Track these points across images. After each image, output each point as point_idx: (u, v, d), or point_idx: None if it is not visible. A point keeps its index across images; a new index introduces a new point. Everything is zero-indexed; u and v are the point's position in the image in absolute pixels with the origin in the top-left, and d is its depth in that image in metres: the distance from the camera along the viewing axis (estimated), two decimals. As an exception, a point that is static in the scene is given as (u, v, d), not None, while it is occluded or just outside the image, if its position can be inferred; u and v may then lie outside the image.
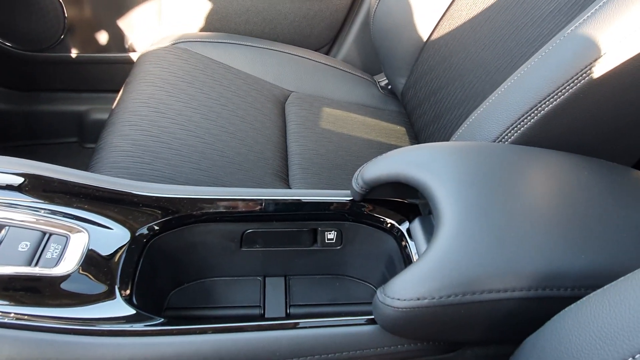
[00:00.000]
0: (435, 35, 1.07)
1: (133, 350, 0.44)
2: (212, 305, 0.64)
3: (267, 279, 0.66)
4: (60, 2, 1.27)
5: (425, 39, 1.08)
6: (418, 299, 0.43)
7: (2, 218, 0.52)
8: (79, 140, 1.47)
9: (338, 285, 0.67)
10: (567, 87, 0.59)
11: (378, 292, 0.46)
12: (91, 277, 0.50)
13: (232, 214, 0.60)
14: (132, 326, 0.46)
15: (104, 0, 1.30)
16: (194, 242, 0.61)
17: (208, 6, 1.30)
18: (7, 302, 0.45)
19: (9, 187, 0.55)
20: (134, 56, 1.40)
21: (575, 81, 0.59)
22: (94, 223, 0.54)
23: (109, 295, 0.49)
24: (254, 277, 0.66)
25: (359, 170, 0.60)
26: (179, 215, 0.58)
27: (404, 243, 0.59)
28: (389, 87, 1.31)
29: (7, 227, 0.52)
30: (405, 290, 0.44)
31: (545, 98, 0.60)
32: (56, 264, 0.50)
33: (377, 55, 1.26)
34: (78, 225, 0.54)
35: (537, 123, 0.61)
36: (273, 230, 0.62)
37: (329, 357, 0.47)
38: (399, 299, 0.44)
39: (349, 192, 0.62)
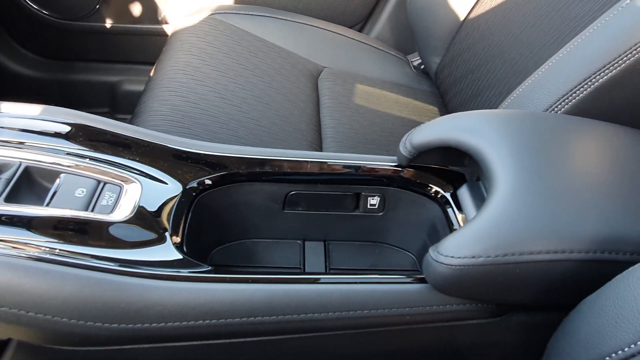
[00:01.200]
0: (474, 13, 1.05)
1: (189, 296, 0.45)
2: (253, 265, 0.64)
3: (306, 242, 0.67)
4: (97, -29, 1.28)
5: (463, 17, 1.07)
6: (473, 257, 0.43)
7: (57, 164, 0.53)
8: (110, 111, 1.49)
9: (377, 253, 0.67)
10: (624, 58, 0.58)
11: (430, 250, 0.46)
12: (144, 224, 0.51)
13: (278, 175, 0.60)
14: (186, 272, 0.47)
15: (140, -30, 1.30)
16: (238, 201, 0.62)
17: (243, -21, 1.29)
18: (67, 242, 0.46)
19: (63, 135, 0.56)
20: (166, 28, 1.41)
21: (634, 52, 0.57)
22: (146, 175, 0.55)
23: (160, 242, 0.50)
24: (293, 240, 0.67)
25: (407, 135, 0.59)
26: (226, 172, 0.58)
27: (448, 210, 0.59)
28: (422, 67, 1.29)
29: (63, 174, 0.53)
30: (460, 248, 0.44)
31: (601, 69, 0.59)
32: (111, 211, 0.51)
33: (412, 34, 1.25)
34: (131, 176, 0.55)
35: (591, 95, 0.60)
36: (316, 192, 0.62)
37: (378, 313, 0.47)
38: (452, 257, 0.44)
39: (394, 157, 0.62)
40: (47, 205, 0.50)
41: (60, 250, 0.45)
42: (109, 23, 1.38)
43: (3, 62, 1.39)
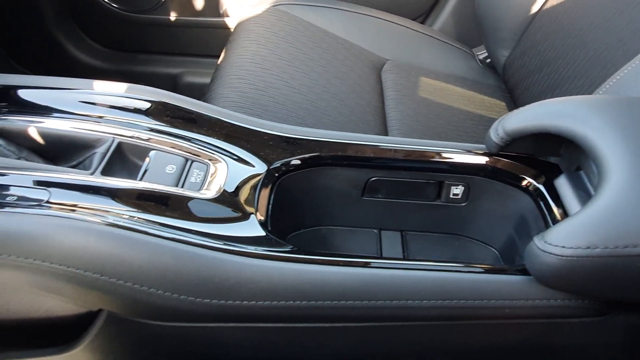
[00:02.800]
0: (552, 2, 1.00)
1: (280, 275, 0.44)
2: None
3: (382, 232, 0.65)
4: (165, -36, 1.31)
5: (539, 6, 1.02)
6: (588, 247, 0.40)
7: (148, 141, 0.54)
8: (171, 102, 1.52)
9: (457, 245, 0.64)
10: None
11: (536, 239, 0.43)
12: (231, 202, 0.51)
13: (360, 160, 0.59)
14: (277, 251, 0.46)
15: (206, -36, 1.32)
16: (318, 185, 0.60)
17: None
18: (161, 215, 0.46)
19: (151, 113, 0.56)
20: (227, 21, 1.42)
21: None
22: (231, 154, 0.55)
23: (246, 220, 0.49)
24: (369, 229, 0.65)
25: (498, 121, 0.56)
26: (309, 155, 0.57)
27: (541, 202, 0.55)
28: (487, 60, 1.24)
29: (154, 151, 0.53)
30: (572, 237, 0.41)
31: None
32: (200, 188, 0.51)
33: (479, 26, 1.21)
34: (217, 155, 0.54)
35: None
36: (398, 179, 0.60)
37: (475, 304, 0.45)
38: (564, 247, 0.41)
39: (481, 145, 0.59)
40: (141, 179, 0.50)
41: (155, 222, 0.45)
42: (172, 16, 1.41)
43: (73, 53, 1.44)
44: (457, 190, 0.60)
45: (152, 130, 0.55)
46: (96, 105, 0.56)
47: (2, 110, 0.55)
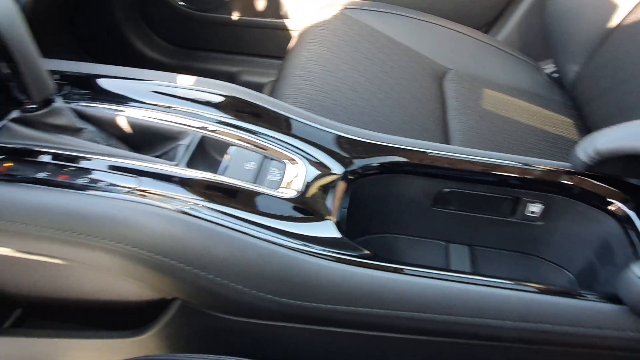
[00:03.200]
0: (632, 17, 0.95)
1: (361, 281, 0.44)
2: (394, 261, 0.62)
3: (450, 245, 0.63)
4: (232, -35, 1.33)
5: (619, 19, 0.97)
6: (697, 280, 0.37)
7: (228, 137, 0.54)
8: (227, 100, 1.55)
9: (529, 266, 0.62)
10: None
11: (635, 268, 0.41)
12: (308, 203, 0.50)
13: (435, 169, 0.58)
14: (357, 255, 0.45)
15: (270, -34, 1.34)
16: (389, 192, 0.60)
17: (370, -23, 1.28)
18: (242, 210, 0.47)
19: (232, 109, 0.57)
20: (287, 23, 1.43)
21: None
22: (309, 155, 0.55)
23: (324, 221, 0.49)
24: (437, 240, 0.64)
25: (587, 138, 0.54)
26: (385, 162, 0.57)
27: (630, 229, 0.52)
28: (554, 75, 1.20)
29: (234, 147, 0.54)
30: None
31: None
32: (278, 187, 0.51)
33: (546, 39, 1.17)
34: (295, 155, 0.54)
35: None
36: (472, 192, 0.59)
37: (562, 330, 0.43)
38: (669, 277, 0.38)
39: (566, 163, 0.57)
40: (222, 174, 0.51)
41: (239, 218, 0.45)
42: (235, 15, 1.43)
43: (139, 48, 1.49)
44: (535, 208, 0.58)
45: (231, 125, 0.55)
46: (180, 99, 0.57)
47: (82, 97, 0.57)
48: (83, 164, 0.48)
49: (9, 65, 0.45)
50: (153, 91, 0.59)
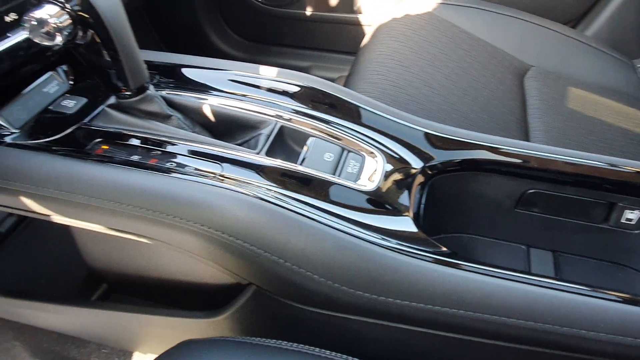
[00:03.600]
0: None
1: (439, 279, 0.42)
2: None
3: (531, 249, 0.60)
4: (309, -39, 1.34)
5: None
6: None
7: (306, 127, 0.55)
8: (297, 94, 1.57)
9: (620, 277, 0.57)
10: None
11: None
12: (386, 196, 0.49)
13: (520, 169, 0.54)
14: (433, 252, 0.44)
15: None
16: (469, 190, 0.57)
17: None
18: (321, 201, 0.47)
19: (309, 99, 0.57)
20: (361, 18, 1.42)
21: None
22: (387, 148, 0.54)
23: (401, 216, 0.48)
24: (517, 244, 0.60)
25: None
26: (466, 158, 0.54)
27: None
28: (652, 74, 1.10)
29: (312, 137, 0.54)
30: None
31: None
32: (356, 179, 0.51)
33: (643, 35, 1.07)
34: (373, 148, 0.54)
35: None
36: (560, 195, 0.55)
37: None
38: None
39: (673, 167, 0.51)
40: (301, 164, 0.51)
41: (317, 208, 0.45)
42: (308, 11, 1.45)
43: (216, 43, 1.55)
44: (632, 215, 0.53)
45: (308, 115, 0.56)
46: (259, 89, 0.58)
47: (169, 86, 0.60)
48: (171, 148, 0.50)
49: (110, 54, 0.48)
50: (233, 80, 0.60)
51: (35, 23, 0.44)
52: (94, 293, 0.72)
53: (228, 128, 0.56)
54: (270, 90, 0.59)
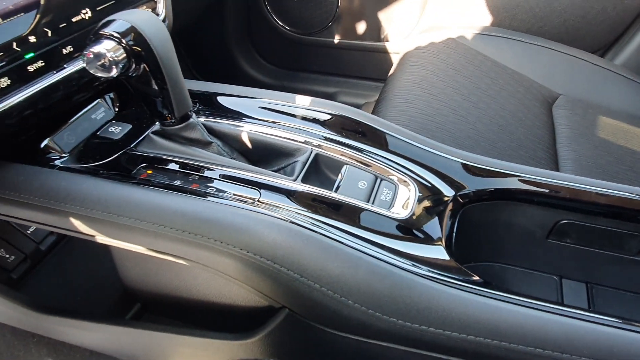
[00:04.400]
0: None
1: (474, 308, 0.43)
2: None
3: (564, 280, 0.59)
4: (338, -8, 1.39)
5: None
6: None
7: (340, 155, 0.56)
8: (323, 119, 1.59)
9: (657, 310, 0.56)
10: None
11: None
12: (419, 224, 0.50)
13: (552, 199, 0.55)
14: (466, 281, 0.44)
15: (375, -9, 1.37)
16: (500, 220, 0.57)
17: (474, 0, 1.27)
18: (354, 227, 0.48)
19: (340, 127, 0.59)
20: (388, 46, 1.45)
21: None
22: (419, 177, 0.55)
23: (434, 244, 0.48)
24: (549, 274, 0.60)
25: None
26: (497, 188, 0.55)
27: None
28: (684, 103, 1.09)
29: (346, 165, 0.55)
30: None
31: None
32: (389, 207, 0.52)
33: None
34: (406, 176, 0.55)
35: None
36: (594, 226, 0.55)
37: None
38: None
39: None
40: (336, 191, 0.52)
41: (352, 234, 0.47)
42: (336, 39, 1.49)
43: (245, 69, 1.60)
44: (670, 248, 0.53)
45: (341, 143, 0.57)
46: (294, 117, 0.60)
47: (206, 113, 0.63)
48: (212, 174, 0.53)
49: (158, 84, 0.52)
50: (266, 108, 0.63)
51: (93, 57, 0.47)
52: (128, 312, 0.74)
53: (264, 155, 0.58)
54: (303, 118, 0.62)
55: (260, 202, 0.49)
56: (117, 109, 0.65)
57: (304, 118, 0.62)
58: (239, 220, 0.46)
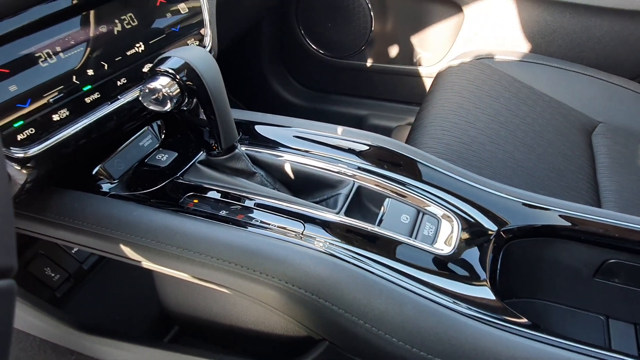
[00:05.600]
0: None
1: (523, 352, 0.42)
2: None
3: (611, 320, 0.57)
4: (372, 17, 1.41)
5: None
6: None
7: (382, 188, 0.57)
8: (353, 141, 1.60)
9: None
10: None
11: None
12: (462, 260, 0.50)
13: (600, 237, 0.53)
14: (517, 324, 0.43)
15: (409, 17, 1.38)
16: (544, 256, 0.56)
17: (510, 26, 1.26)
18: (398, 263, 0.48)
19: (382, 161, 0.59)
20: (421, 70, 1.46)
21: None
22: (462, 211, 0.55)
23: (478, 282, 0.48)
24: (595, 314, 0.58)
25: None
26: (543, 224, 0.54)
27: None
28: None
29: (389, 199, 0.56)
30: None
31: None
32: (432, 242, 0.52)
33: None
34: (448, 211, 0.55)
35: None
36: (644, 267, 0.53)
37: None
38: None
39: None
40: (379, 225, 0.53)
41: (396, 270, 0.47)
42: (369, 62, 1.50)
43: (278, 90, 1.63)
44: None
45: (383, 176, 0.58)
46: (338, 150, 0.61)
47: (245, 142, 0.64)
48: (257, 205, 0.54)
49: (207, 115, 0.53)
50: (307, 139, 0.63)
51: (148, 92, 0.50)
52: (166, 334, 0.75)
53: (306, 185, 0.59)
54: (340, 148, 0.62)
55: (304, 235, 0.50)
56: (163, 136, 0.68)
57: (341, 148, 0.62)
58: (284, 254, 0.47)
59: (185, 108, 0.52)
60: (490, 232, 0.53)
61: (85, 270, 0.83)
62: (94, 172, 0.60)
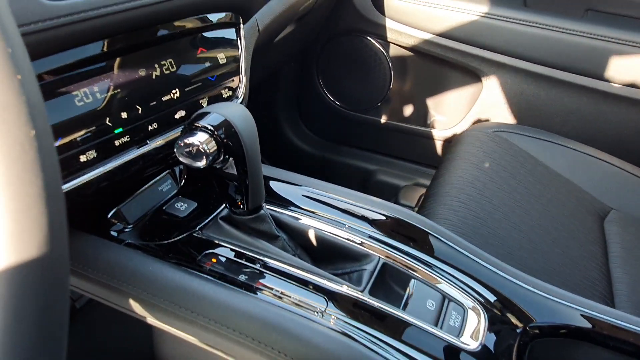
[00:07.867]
0: None
1: None
2: None
3: None
4: (391, 76, 1.43)
5: None
6: None
7: (408, 268, 0.55)
8: (361, 194, 1.60)
9: None
10: None
11: None
12: (488, 357, 0.47)
13: (630, 346, 0.51)
14: None
15: (428, 80, 1.41)
16: (570, 357, 0.54)
17: (527, 102, 1.28)
18: (420, 353, 0.45)
19: (408, 239, 0.57)
20: (434, 132, 1.47)
21: None
22: (488, 303, 0.53)
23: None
24: None
25: None
26: (571, 325, 0.52)
27: None
28: None
29: (414, 280, 0.53)
30: None
31: None
32: (459, 334, 0.49)
33: None
34: (475, 302, 0.53)
35: None
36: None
37: None
38: None
39: None
40: (403, 308, 0.50)
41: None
42: (383, 118, 1.51)
43: (289, 136, 1.64)
44: None
45: (409, 255, 0.56)
46: (363, 230, 0.59)
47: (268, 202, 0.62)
48: (279, 273, 0.51)
49: (239, 172, 0.52)
50: (326, 204, 0.62)
51: (184, 146, 0.48)
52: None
53: (329, 255, 0.57)
54: (369, 221, 0.60)
55: (328, 314, 0.47)
56: (183, 182, 0.66)
57: (369, 221, 0.60)
58: (306, 334, 0.44)
59: (218, 166, 0.50)
60: (517, 328, 0.51)
61: (77, 309, 0.79)
62: (109, 215, 0.58)
